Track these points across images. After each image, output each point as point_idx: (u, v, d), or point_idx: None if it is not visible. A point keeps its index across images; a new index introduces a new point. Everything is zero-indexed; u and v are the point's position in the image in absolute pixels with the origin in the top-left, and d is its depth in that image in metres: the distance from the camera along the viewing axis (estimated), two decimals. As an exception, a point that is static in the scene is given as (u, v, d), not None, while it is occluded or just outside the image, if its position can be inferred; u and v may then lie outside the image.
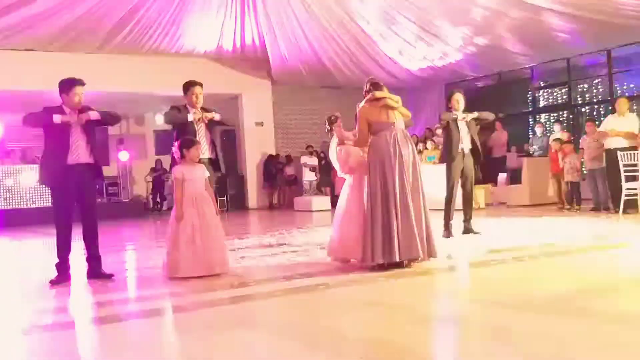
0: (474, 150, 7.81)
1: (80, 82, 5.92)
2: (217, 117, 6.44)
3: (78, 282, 5.88)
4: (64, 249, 5.86)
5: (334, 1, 13.75)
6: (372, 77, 6.43)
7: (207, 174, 6.00)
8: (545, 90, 16.74)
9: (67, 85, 5.88)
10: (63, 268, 5.85)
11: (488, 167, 13.73)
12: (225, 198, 18.85)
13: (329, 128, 6.48)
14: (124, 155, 19.02)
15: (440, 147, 10.53)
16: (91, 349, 3.76)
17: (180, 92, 6.59)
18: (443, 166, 7.86)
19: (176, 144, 5.88)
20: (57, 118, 5.74)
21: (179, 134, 6.20)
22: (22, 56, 14.72)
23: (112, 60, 15.26)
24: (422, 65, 16.73)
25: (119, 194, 18.76)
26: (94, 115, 5.90)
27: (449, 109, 7.91)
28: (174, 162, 6.04)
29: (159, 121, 18.68)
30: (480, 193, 12.66)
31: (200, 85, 6.45)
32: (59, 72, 6.84)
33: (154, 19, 14.18)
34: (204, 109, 6.42)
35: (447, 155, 7.71)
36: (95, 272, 5.95)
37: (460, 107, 7.87)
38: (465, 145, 7.65)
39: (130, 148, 19.32)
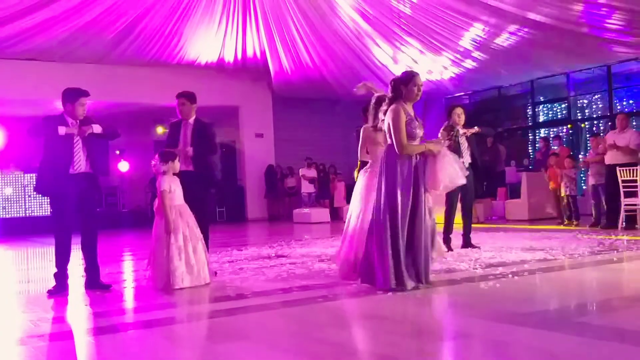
0: (474, 165, 7.83)
1: (85, 94, 5.98)
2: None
3: (76, 292, 5.86)
4: (63, 259, 5.85)
5: (338, 19, 13.81)
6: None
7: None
8: (545, 105, 16.80)
9: (73, 95, 5.93)
10: (61, 278, 5.84)
11: (488, 181, 13.77)
12: (223, 209, 18.90)
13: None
14: (123, 166, 19.04)
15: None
16: (87, 360, 3.75)
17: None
18: None
19: (157, 156, 5.89)
20: (62, 130, 5.76)
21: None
22: (23, 66, 14.78)
23: (113, 71, 15.32)
24: (423, 79, 16.77)
25: (119, 204, 18.76)
26: (97, 129, 5.93)
27: (449, 124, 7.94)
28: (157, 175, 5.99)
29: (159, 131, 18.74)
30: (479, 207, 12.66)
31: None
32: (60, 82, 6.87)
33: (155, 30, 14.26)
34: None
35: None
36: (94, 282, 5.94)
37: (461, 121, 7.91)
38: (465, 159, 7.67)
39: (131, 158, 19.34)
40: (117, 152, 19.55)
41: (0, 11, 12.18)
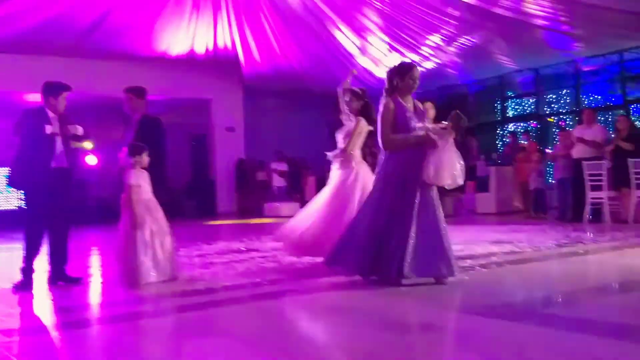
0: None
1: (68, 88, 5.95)
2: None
3: (42, 287, 5.77)
4: (31, 254, 5.75)
5: (309, 11, 13.77)
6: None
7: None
8: (514, 101, 16.98)
9: (56, 89, 5.88)
10: (28, 272, 5.74)
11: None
12: (193, 203, 18.75)
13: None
14: (92, 160, 18.76)
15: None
16: (54, 355, 3.69)
17: (149, 95, 6.51)
18: None
19: (125, 150, 5.83)
20: (48, 129, 5.72)
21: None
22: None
23: (81, 64, 15.06)
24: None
25: (87, 198, 18.48)
26: (79, 131, 5.89)
27: None
28: (124, 169, 5.93)
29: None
30: (448, 201, 12.76)
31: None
32: (27, 75, 6.76)
33: (125, 22, 14.05)
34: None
35: None
36: (62, 275, 5.86)
37: (431, 116, 7.95)
38: None
39: (99, 152, 19.05)
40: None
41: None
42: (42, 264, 6.12)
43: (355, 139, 6.16)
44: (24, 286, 5.67)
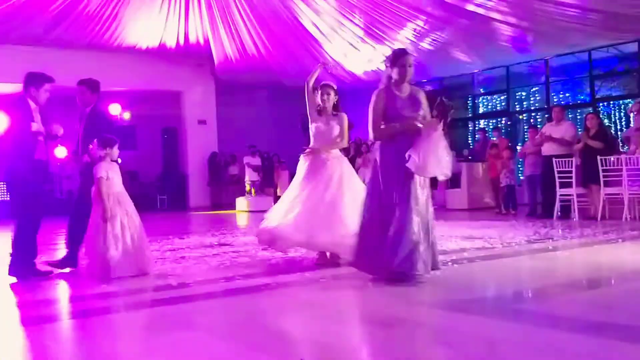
0: None
1: (51, 80, 5.94)
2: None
3: (8, 280, 5.68)
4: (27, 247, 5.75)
5: (279, 1, 13.72)
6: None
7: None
8: (485, 97, 17.14)
9: (39, 80, 5.88)
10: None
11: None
12: (164, 197, 18.58)
13: None
14: (61, 152, 18.46)
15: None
16: (23, 350, 3.63)
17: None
18: None
19: (95, 141, 5.77)
20: (34, 127, 5.74)
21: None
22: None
23: (49, 54, 14.77)
24: (367, 68, 16.85)
25: (55, 190, 18.22)
26: (61, 132, 5.97)
27: None
28: (93, 161, 5.88)
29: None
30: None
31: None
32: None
33: (94, 12, 13.84)
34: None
35: None
36: (32, 269, 5.79)
37: None
38: None
39: (68, 144, 18.77)
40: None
41: None
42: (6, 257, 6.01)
43: (346, 133, 6.24)
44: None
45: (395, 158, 4.78)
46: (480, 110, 17.21)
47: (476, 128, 16.78)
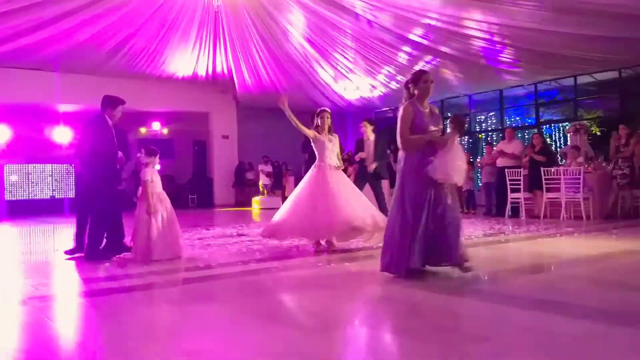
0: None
1: (123, 102, 5.95)
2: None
3: (68, 261, 5.66)
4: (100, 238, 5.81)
5: (286, 41, 13.72)
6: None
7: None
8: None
9: (115, 102, 5.89)
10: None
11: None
12: (194, 196, 18.60)
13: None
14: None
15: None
16: (70, 320, 3.62)
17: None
18: None
19: (143, 151, 5.81)
20: (119, 154, 5.89)
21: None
22: (28, 74, 14.11)
23: (104, 81, 14.75)
24: (357, 95, 16.87)
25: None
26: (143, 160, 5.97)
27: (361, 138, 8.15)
28: (140, 167, 5.98)
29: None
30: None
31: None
32: (60, 89, 6.62)
33: (141, 48, 13.84)
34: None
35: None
36: (121, 248, 5.90)
37: (368, 133, 8.08)
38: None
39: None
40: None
41: (13, 27, 11.59)
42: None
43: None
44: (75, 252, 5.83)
45: (418, 166, 4.39)
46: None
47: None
